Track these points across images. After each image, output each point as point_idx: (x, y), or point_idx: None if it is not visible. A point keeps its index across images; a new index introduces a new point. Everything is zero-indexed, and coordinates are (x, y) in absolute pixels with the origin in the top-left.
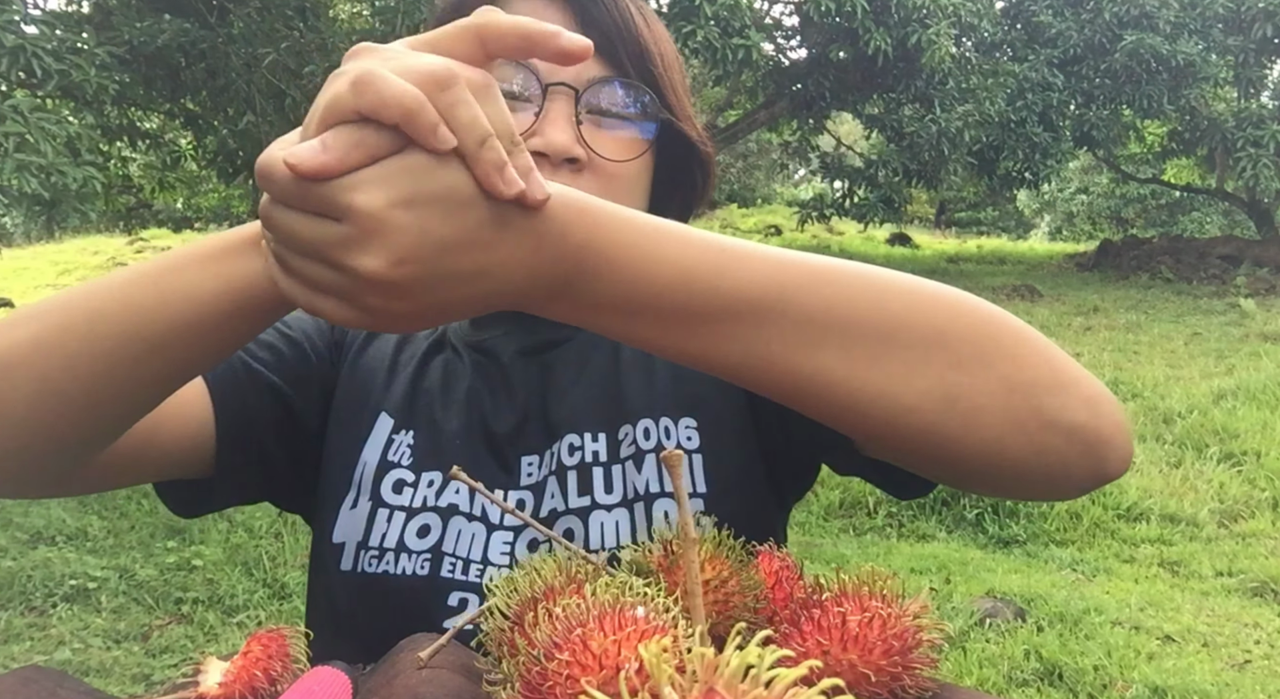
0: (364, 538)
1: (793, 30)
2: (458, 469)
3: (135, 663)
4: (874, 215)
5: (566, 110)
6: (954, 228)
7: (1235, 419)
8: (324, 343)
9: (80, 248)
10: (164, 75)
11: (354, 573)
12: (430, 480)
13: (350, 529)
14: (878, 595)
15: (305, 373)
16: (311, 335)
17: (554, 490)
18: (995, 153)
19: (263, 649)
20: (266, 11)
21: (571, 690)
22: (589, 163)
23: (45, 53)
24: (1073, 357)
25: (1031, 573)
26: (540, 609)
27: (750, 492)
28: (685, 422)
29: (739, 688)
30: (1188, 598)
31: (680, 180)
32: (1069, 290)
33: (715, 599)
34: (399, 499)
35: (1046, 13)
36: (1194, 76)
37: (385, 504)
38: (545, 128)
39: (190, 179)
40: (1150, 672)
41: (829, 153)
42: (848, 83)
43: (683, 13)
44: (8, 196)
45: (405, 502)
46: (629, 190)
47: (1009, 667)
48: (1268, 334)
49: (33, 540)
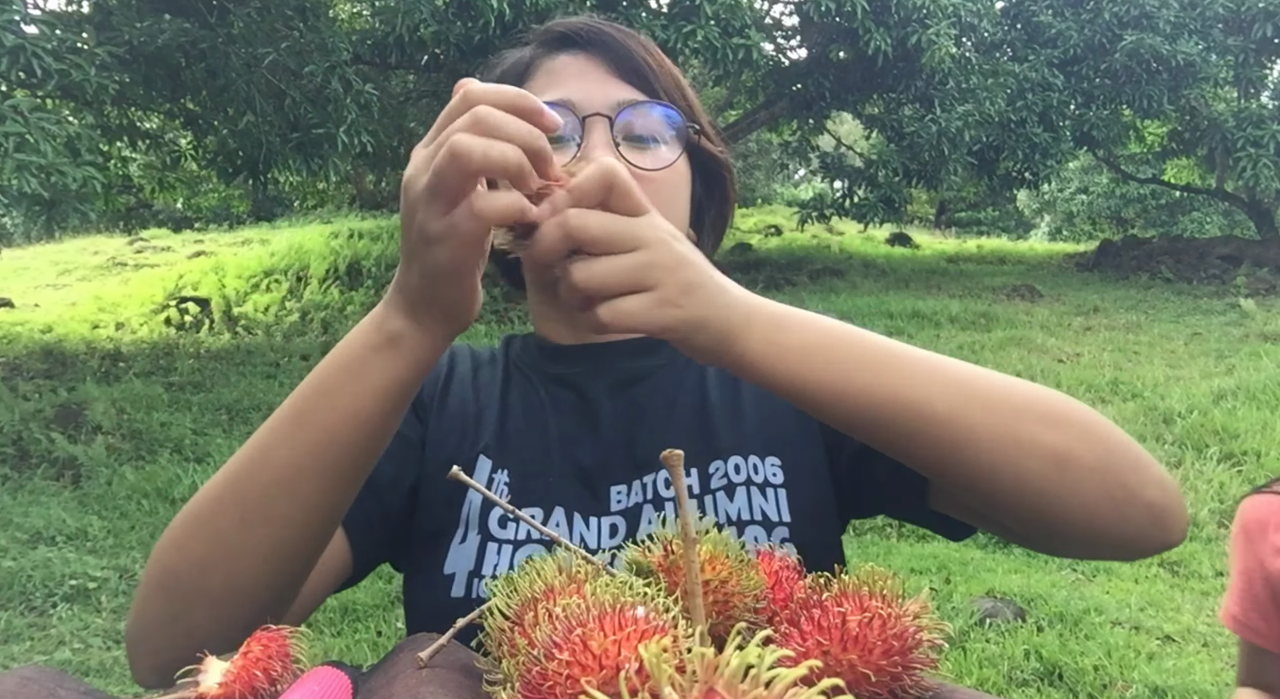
0: (475, 567)
1: (793, 30)
2: (457, 469)
3: None
4: (874, 215)
5: (604, 137)
6: (954, 228)
7: (1235, 419)
8: (412, 411)
9: (80, 248)
10: (164, 75)
11: (466, 598)
12: (531, 514)
13: (461, 561)
14: (878, 595)
15: (410, 453)
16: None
17: (650, 517)
18: (995, 153)
19: (263, 649)
20: (266, 11)
21: (571, 690)
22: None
23: (45, 53)
24: (1073, 357)
25: (1031, 573)
26: (540, 609)
27: (825, 523)
28: (771, 460)
29: (739, 688)
30: (1188, 598)
31: (714, 194)
32: (1069, 290)
33: (715, 599)
34: (505, 533)
35: (1046, 13)
36: (1194, 76)
37: (494, 538)
38: (588, 152)
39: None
40: (1150, 672)
41: (829, 153)
42: (848, 83)
43: (683, 13)
44: (8, 196)
45: (511, 535)
46: (672, 198)
47: (1009, 667)
48: (1268, 334)
49: (33, 540)
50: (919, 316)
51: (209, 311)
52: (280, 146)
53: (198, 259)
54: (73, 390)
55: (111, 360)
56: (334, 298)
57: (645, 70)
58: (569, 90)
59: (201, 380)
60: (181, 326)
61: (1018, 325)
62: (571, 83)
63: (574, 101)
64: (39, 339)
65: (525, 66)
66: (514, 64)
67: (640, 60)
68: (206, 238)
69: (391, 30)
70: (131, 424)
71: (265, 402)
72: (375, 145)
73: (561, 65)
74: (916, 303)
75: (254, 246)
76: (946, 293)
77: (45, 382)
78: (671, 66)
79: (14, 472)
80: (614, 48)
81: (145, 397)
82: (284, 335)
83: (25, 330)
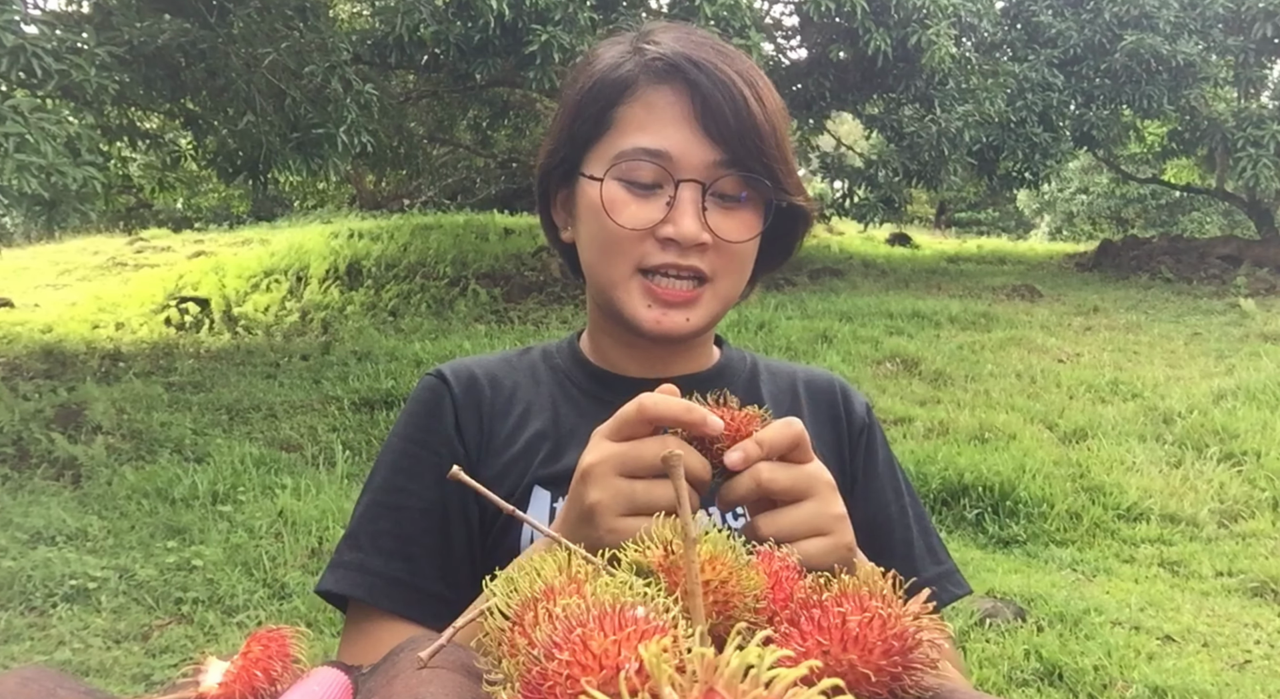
0: None
1: (793, 30)
2: (458, 469)
3: (135, 663)
4: (874, 215)
5: (694, 200)
6: (954, 228)
7: (1235, 419)
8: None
9: (80, 248)
10: (164, 75)
11: None
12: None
13: None
14: (878, 595)
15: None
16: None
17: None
18: (995, 153)
19: (263, 649)
20: (266, 11)
21: (571, 690)
22: (713, 244)
23: (45, 53)
24: (1073, 357)
25: (1031, 573)
26: (540, 609)
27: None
28: None
29: (739, 688)
30: (1188, 598)
31: (782, 231)
32: (1069, 290)
33: (715, 599)
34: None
35: (1046, 13)
36: (1194, 76)
37: None
38: (678, 218)
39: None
40: (1150, 672)
41: (829, 153)
42: (848, 83)
43: (683, 13)
44: (8, 196)
45: None
46: (745, 260)
47: (1009, 667)
48: (1268, 334)
49: (33, 540)
50: (919, 316)
51: (209, 311)
52: (280, 146)
53: (198, 259)
54: (73, 390)
55: (111, 360)
56: (334, 298)
57: (746, 130)
58: (667, 139)
59: (201, 380)
60: (181, 326)
61: (1018, 325)
62: (670, 130)
63: (672, 156)
64: (39, 339)
65: (626, 88)
66: (617, 80)
67: (745, 118)
68: (206, 238)
69: (391, 30)
70: (131, 424)
71: (265, 401)
72: (375, 145)
73: (665, 102)
74: (916, 303)
75: (254, 246)
76: (946, 293)
77: (45, 382)
78: (773, 103)
79: (14, 472)
80: (721, 93)
81: (145, 397)
82: (284, 335)
83: (25, 330)
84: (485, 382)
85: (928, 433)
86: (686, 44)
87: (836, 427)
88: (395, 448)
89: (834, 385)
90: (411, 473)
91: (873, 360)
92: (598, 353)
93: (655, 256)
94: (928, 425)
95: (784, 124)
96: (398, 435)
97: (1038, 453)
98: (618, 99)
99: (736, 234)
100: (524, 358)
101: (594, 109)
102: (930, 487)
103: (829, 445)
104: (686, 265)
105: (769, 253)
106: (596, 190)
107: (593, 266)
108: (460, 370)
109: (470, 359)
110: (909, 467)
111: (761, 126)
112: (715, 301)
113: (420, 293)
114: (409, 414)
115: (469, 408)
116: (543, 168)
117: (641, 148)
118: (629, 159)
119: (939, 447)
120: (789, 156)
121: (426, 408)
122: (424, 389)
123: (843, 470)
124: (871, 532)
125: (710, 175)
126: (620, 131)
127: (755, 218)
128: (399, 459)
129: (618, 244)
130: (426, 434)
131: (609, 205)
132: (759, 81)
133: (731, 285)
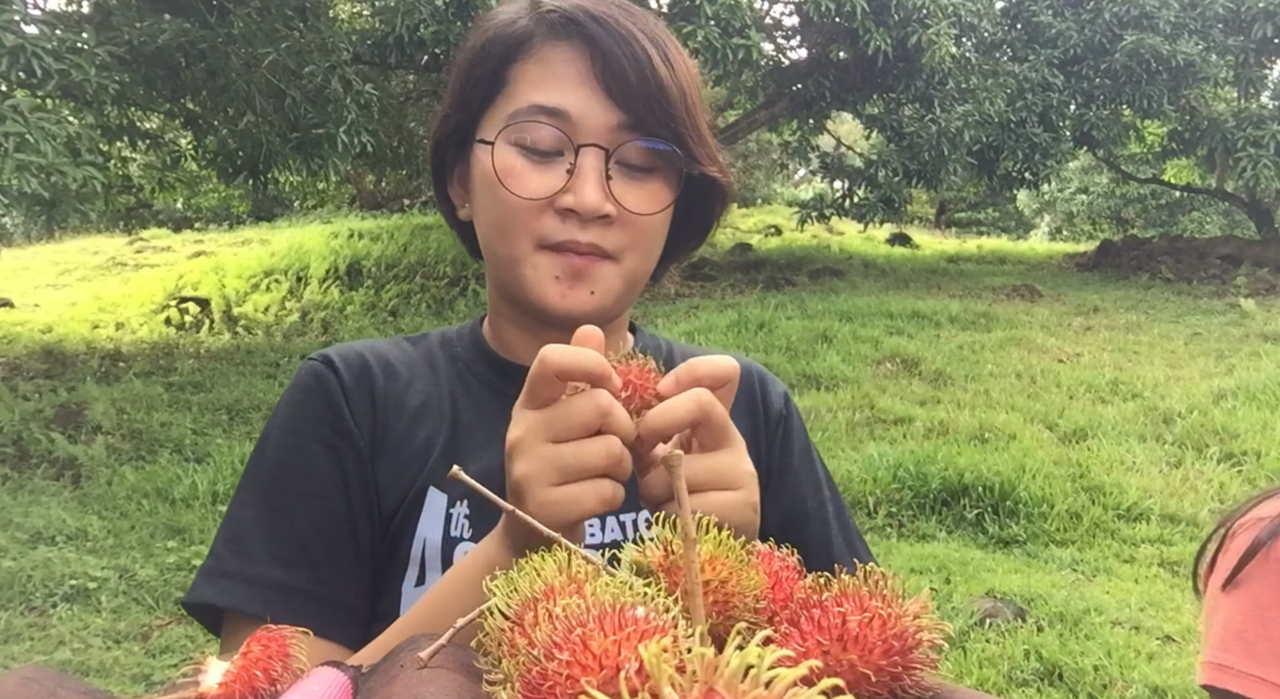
0: None
1: (793, 30)
2: (457, 469)
3: (135, 663)
4: (874, 215)
5: (597, 167)
6: (954, 228)
7: (1235, 419)
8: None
9: (80, 248)
10: (164, 75)
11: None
12: None
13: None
14: (878, 595)
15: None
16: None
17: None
18: (995, 153)
19: (263, 649)
20: (266, 11)
21: (571, 690)
22: (618, 217)
23: (45, 53)
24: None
25: (1031, 573)
26: (540, 609)
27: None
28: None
29: (739, 688)
30: (1188, 598)
31: (697, 207)
32: (1069, 290)
33: (715, 599)
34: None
35: (1046, 13)
36: (1194, 76)
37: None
38: (578, 186)
39: (190, 179)
40: (1150, 672)
41: (829, 153)
42: (848, 83)
43: (683, 13)
44: (8, 196)
45: None
46: (655, 236)
47: (1009, 667)
48: (1268, 334)
49: (33, 540)
50: (919, 316)
51: (209, 311)
52: (280, 146)
53: (198, 259)
54: (73, 390)
55: (111, 360)
56: (334, 298)
57: (651, 91)
58: (565, 97)
59: (201, 380)
60: (181, 326)
61: (1018, 325)
62: (567, 88)
63: (571, 117)
64: (39, 339)
65: (520, 44)
66: (510, 36)
67: (649, 79)
68: (206, 238)
69: (391, 30)
70: (131, 424)
71: (265, 401)
72: (375, 145)
73: (562, 59)
74: (916, 303)
75: (254, 246)
76: (946, 293)
77: (45, 381)
78: (683, 66)
79: (14, 472)
80: (622, 50)
81: (145, 397)
82: (284, 335)
83: (25, 330)
84: (378, 368)
85: (928, 433)
86: (589, 3)
87: (754, 417)
88: (280, 442)
89: (751, 374)
90: (305, 470)
91: (873, 360)
92: (499, 341)
93: (556, 232)
94: (928, 425)
95: (695, 88)
96: (281, 428)
97: (1038, 453)
98: (512, 57)
99: (643, 206)
100: (420, 344)
101: (486, 68)
102: (930, 487)
103: (745, 437)
104: (586, 242)
105: (682, 231)
106: (489, 156)
107: (490, 244)
108: (348, 354)
109: (359, 343)
110: (909, 466)
111: (669, 88)
112: (620, 281)
113: (420, 293)
114: (292, 404)
115: (361, 396)
116: (435, 137)
117: (537, 105)
118: (524, 117)
119: (939, 447)
120: (700, 123)
121: (312, 396)
122: (307, 375)
123: (758, 462)
124: (786, 526)
125: (613, 140)
126: (514, 91)
127: (665, 189)
128: (287, 455)
129: (514, 217)
130: (316, 425)
131: (502, 173)
132: (667, 42)
133: (639, 263)
